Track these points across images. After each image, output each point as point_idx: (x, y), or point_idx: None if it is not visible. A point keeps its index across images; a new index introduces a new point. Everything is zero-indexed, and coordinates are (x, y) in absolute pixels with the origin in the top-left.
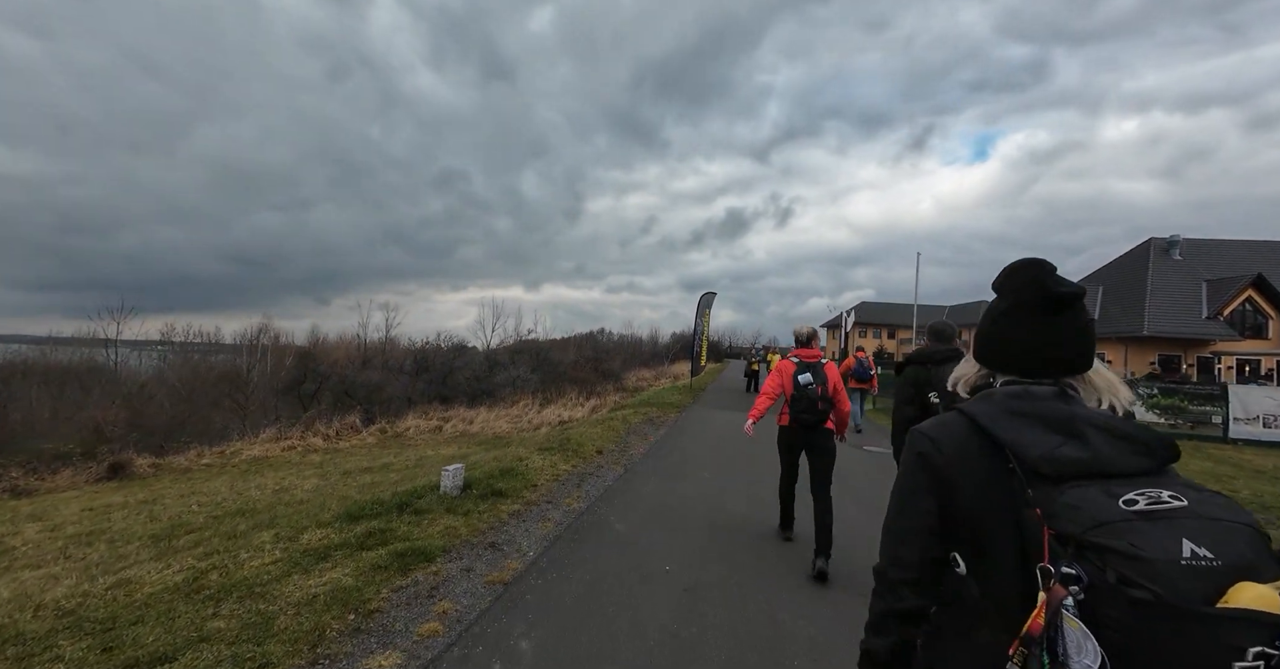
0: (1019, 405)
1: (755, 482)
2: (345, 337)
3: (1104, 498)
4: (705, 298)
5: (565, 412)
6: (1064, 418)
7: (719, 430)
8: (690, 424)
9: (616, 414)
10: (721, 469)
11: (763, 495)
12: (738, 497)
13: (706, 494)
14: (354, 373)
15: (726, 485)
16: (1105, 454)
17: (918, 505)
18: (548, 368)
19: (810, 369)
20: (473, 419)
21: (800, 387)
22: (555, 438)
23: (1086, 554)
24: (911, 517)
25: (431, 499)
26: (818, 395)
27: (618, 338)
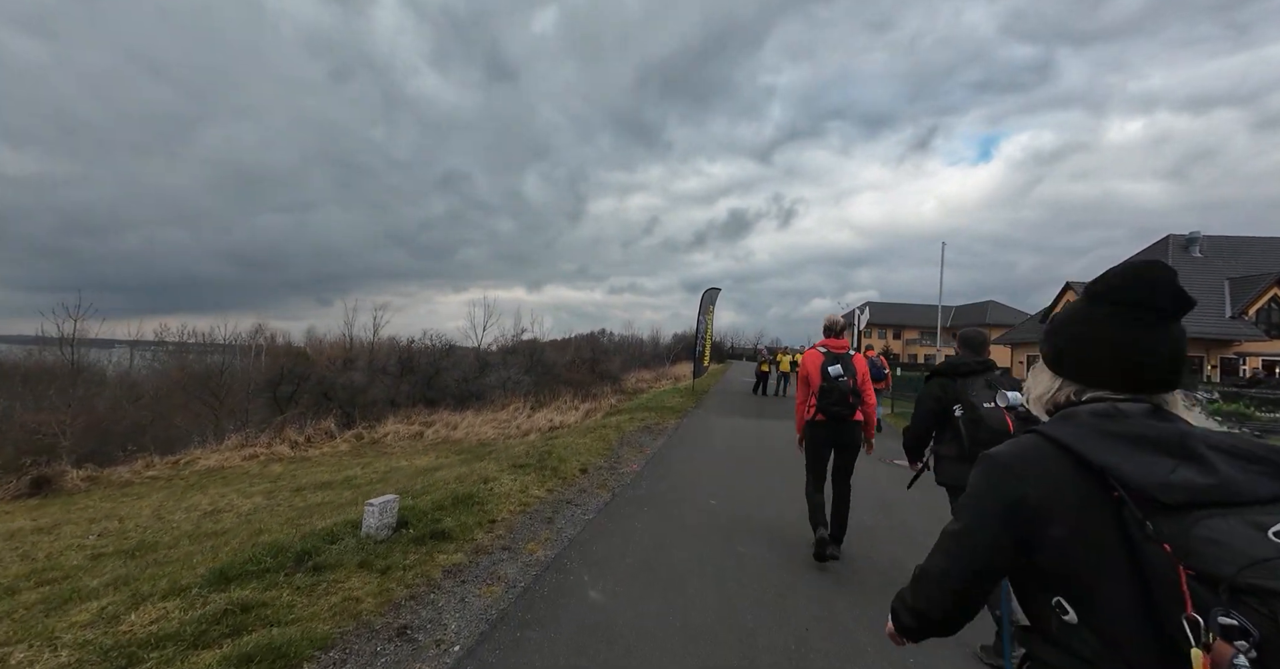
0: (1112, 426)
1: (778, 512)
2: (343, 338)
3: (1250, 530)
4: (708, 294)
5: (557, 416)
6: (1172, 438)
7: (726, 440)
8: (693, 433)
9: (610, 421)
10: (733, 494)
11: (791, 533)
12: (757, 537)
13: (714, 534)
14: (335, 374)
15: (741, 519)
16: (1234, 478)
17: (983, 538)
18: (542, 369)
19: (840, 360)
20: (457, 424)
21: (831, 378)
22: (536, 451)
23: (1245, 599)
24: (973, 540)
25: (347, 545)
26: (849, 388)
27: (619, 339)
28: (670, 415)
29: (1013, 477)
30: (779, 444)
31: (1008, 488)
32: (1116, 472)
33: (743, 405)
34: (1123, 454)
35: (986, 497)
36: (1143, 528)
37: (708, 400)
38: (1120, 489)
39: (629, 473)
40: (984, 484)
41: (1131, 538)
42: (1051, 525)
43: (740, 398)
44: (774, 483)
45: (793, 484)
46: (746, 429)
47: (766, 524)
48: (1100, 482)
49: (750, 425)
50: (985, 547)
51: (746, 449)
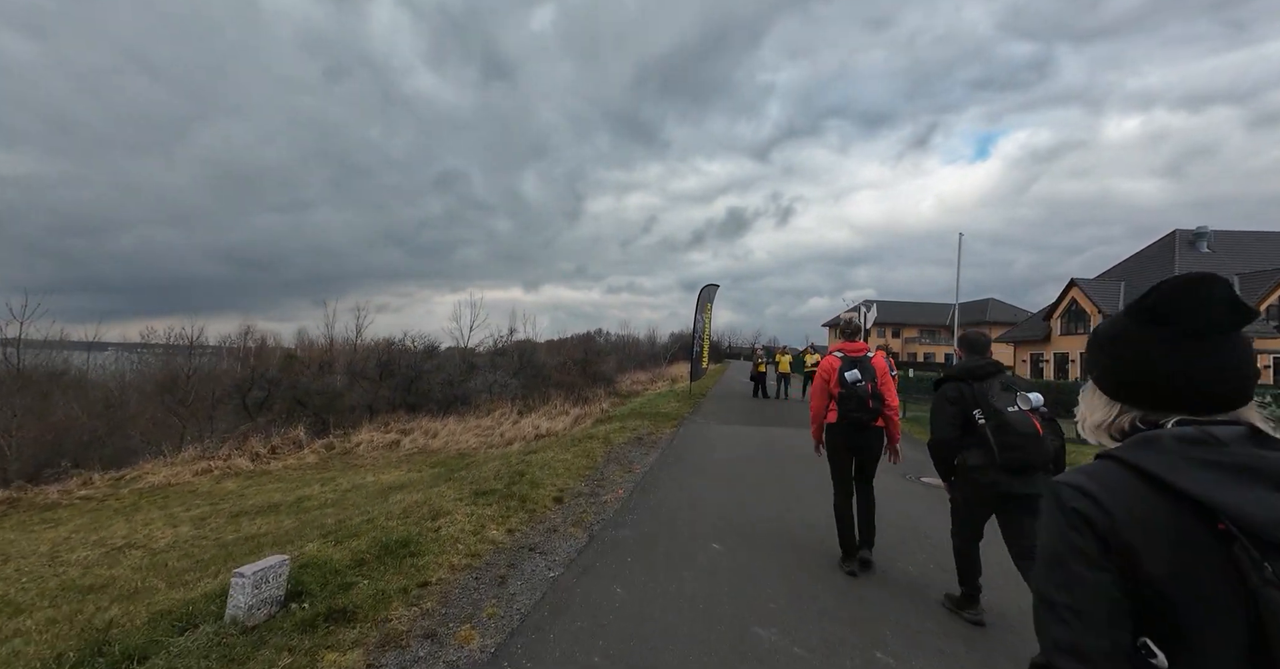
0: (1207, 454)
1: (800, 560)
2: (325, 339)
3: None
4: (706, 291)
5: (546, 422)
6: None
7: (728, 455)
8: (690, 445)
9: (599, 430)
10: (742, 532)
11: (827, 596)
12: (783, 608)
13: (721, 604)
14: (310, 379)
15: (757, 575)
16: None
17: (1094, 576)
18: (532, 371)
19: (857, 364)
20: (437, 432)
21: (848, 384)
22: (508, 471)
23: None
24: (1085, 592)
25: (198, 639)
26: (868, 393)
27: (615, 338)
28: (665, 423)
29: (1098, 508)
30: (791, 459)
31: (1095, 519)
32: (1225, 507)
33: (743, 410)
34: (1227, 487)
35: (1076, 534)
36: (1260, 570)
37: (706, 405)
38: (1231, 526)
39: (612, 501)
40: (1069, 522)
41: (1243, 579)
42: (1144, 562)
43: (740, 401)
44: (792, 514)
45: (817, 514)
46: (750, 439)
47: (791, 585)
48: (1198, 515)
49: (754, 435)
50: (1104, 587)
51: (753, 466)
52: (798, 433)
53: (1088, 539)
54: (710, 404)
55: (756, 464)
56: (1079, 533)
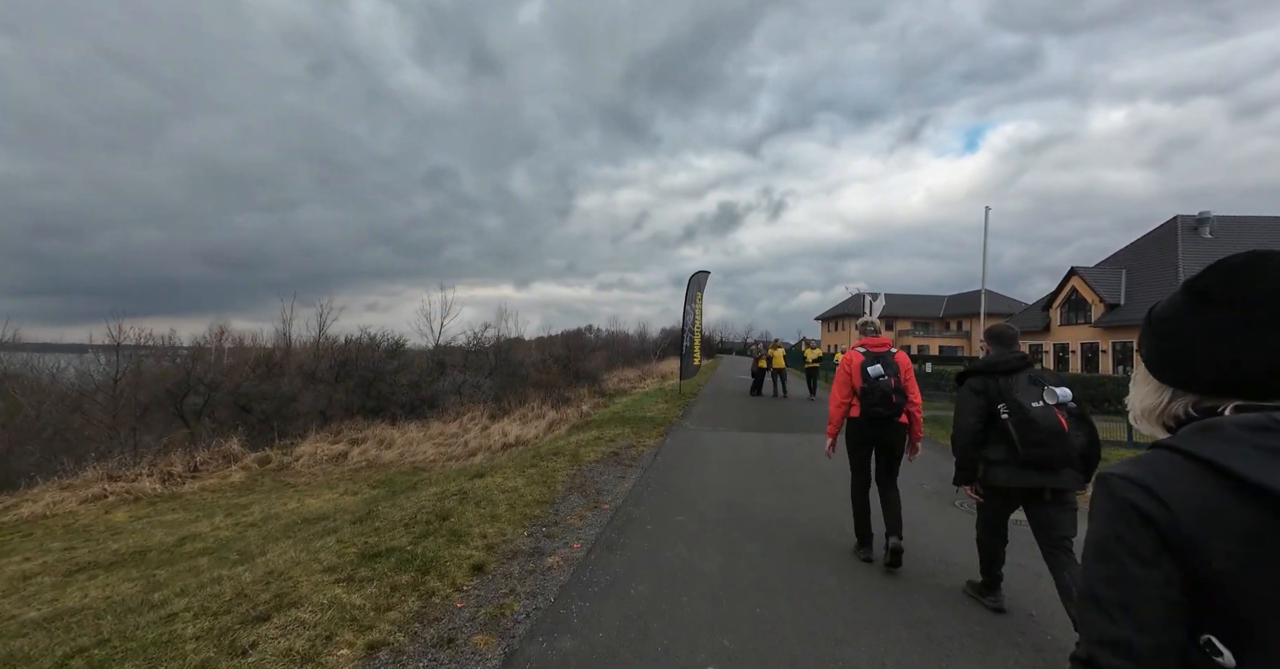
0: (1275, 441)
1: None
2: (302, 337)
3: None
4: (696, 279)
5: (518, 427)
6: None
7: (725, 477)
8: (677, 463)
9: (570, 441)
10: (747, 632)
11: None
12: None
13: None
14: (255, 382)
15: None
16: None
17: (1146, 573)
18: (508, 371)
19: (880, 359)
20: (393, 441)
21: (871, 379)
22: (430, 510)
23: None
24: (1136, 589)
25: None
26: (891, 388)
27: (606, 334)
28: (649, 431)
29: (1154, 501)
30: (805, 477)
31: (1151, 513)
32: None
33: (741, 411)
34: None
35: (1128, 529)
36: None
37: (697, 406)
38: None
39: (559, 568)
40: (1122, 514)
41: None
42: (1210, 558)
43: (736, 401)
44: (824, 571)
45: (856, 575)
46: (752, 451)
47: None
48: (1270, 507)
49: (755, 443)
50: (1158, 585)
51: (760, 496)
52: (806, 439)
53: (1142, 535)
54: (702, 405)
55: (763, 487)
56: (1131, 528)
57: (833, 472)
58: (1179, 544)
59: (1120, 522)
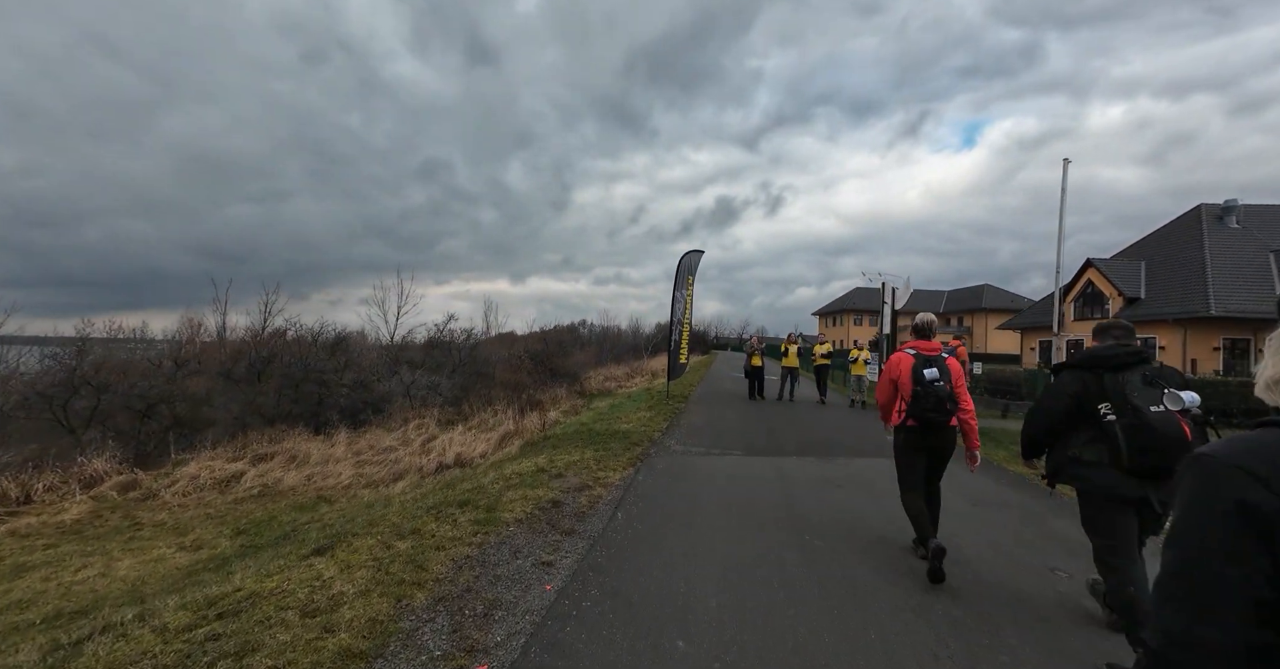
0: None
1: None
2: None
3: None
4: (687, 260)
5: (470, 439)
6: None
7: (724, 557)
8: (646, 530)
9: (502, 475)
10: None
11: None
12: None
13: None
14: (163, 383)
15: None
16: None
17: (1239, 571)
18: (473, 369)
19: (934, 363)
20: (308, 457)
21: (926, 383)
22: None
23: None
24: (1226, 586)
25: None
26: (946, 394)
27: (600, 329)
28: (618, 455)
29: (1267, 492)
30: (866, 564)
31: (1261, 506)
32: None
33: (742, 421)
34: None
35: (1227, 524)
36: None
37: (687, 414)
38: None
39: None
40: (1219, 502)
41: None
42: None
43: (734, 407)
44: None
45: None
46: (764, 493)
47: None
48: None
49: (766, 478)
50: (1251, 585)
51: (790, 615)
52: (837, 469)
53: (1242, 531)
54: (693, 413)
55: (794, 585)
56: (1231, 524)
57: (899, 531)
58: (1276, 538)
59: (1219, 516)
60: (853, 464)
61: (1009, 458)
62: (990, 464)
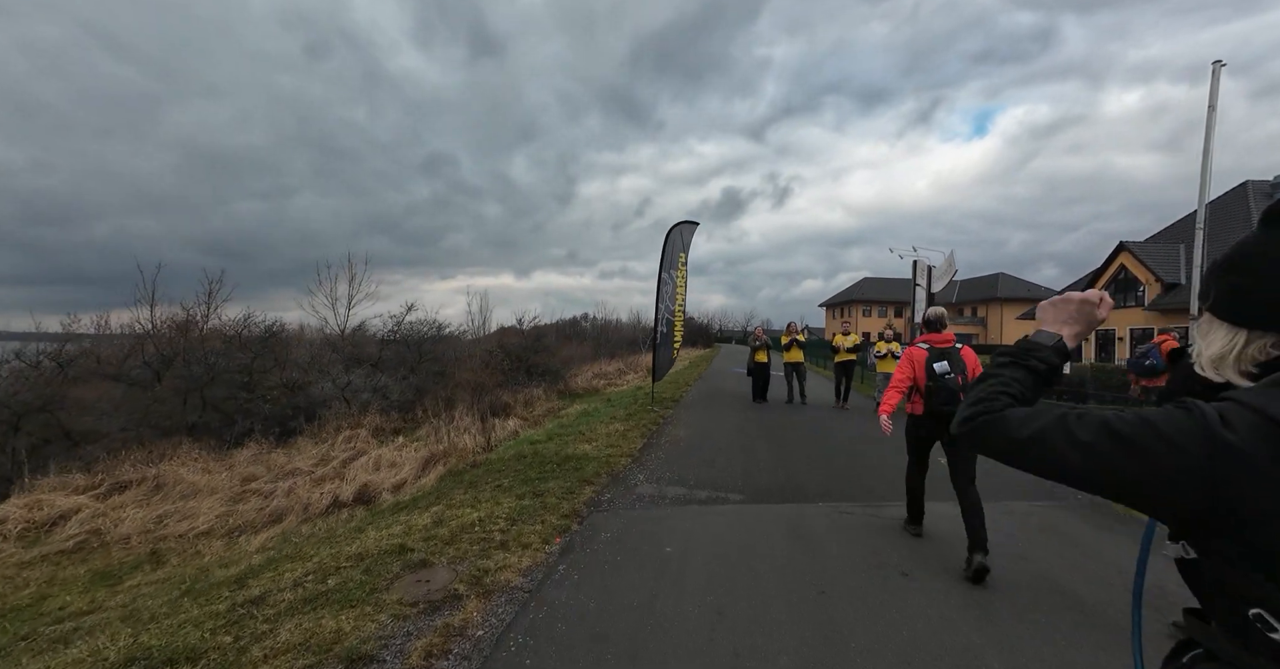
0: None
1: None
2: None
3: None
4: (678, 232)
5: (398, 458)
6: None
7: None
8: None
9: (351, 548)
10: None
11: None
12: None
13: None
14: (41, 387)
15: None
16: None
17: (1161, 479)
18: (435, 367)
19: (946, 356)
20: (175, 485)
21: (937, 376)
22: None
23: None
24: (1144, 453)
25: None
26: (959, 386)
27: (602, 323)
28: (558, 500)
29: (1232, 461)
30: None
31: (1221, 472)
32: None
33: (742, 438)
34: None
35: (1186, 456)
36: None
37: (674, 425)
38: None
39: None
40: (1186, 443)
41: None
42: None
43: (735, 414)
44: None
45: None
46: (775, 582)
47: None
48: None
49: (777, 543)
50: (1160, 479)
51: None
52: (893, 521)
53: (1207, 481)
54: (681, 423)
55: None
56: (1201, 468)
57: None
58: (1247, 515)
59: (1199, 429)
60: (932, 523)
61: None
62: (1050, 484)
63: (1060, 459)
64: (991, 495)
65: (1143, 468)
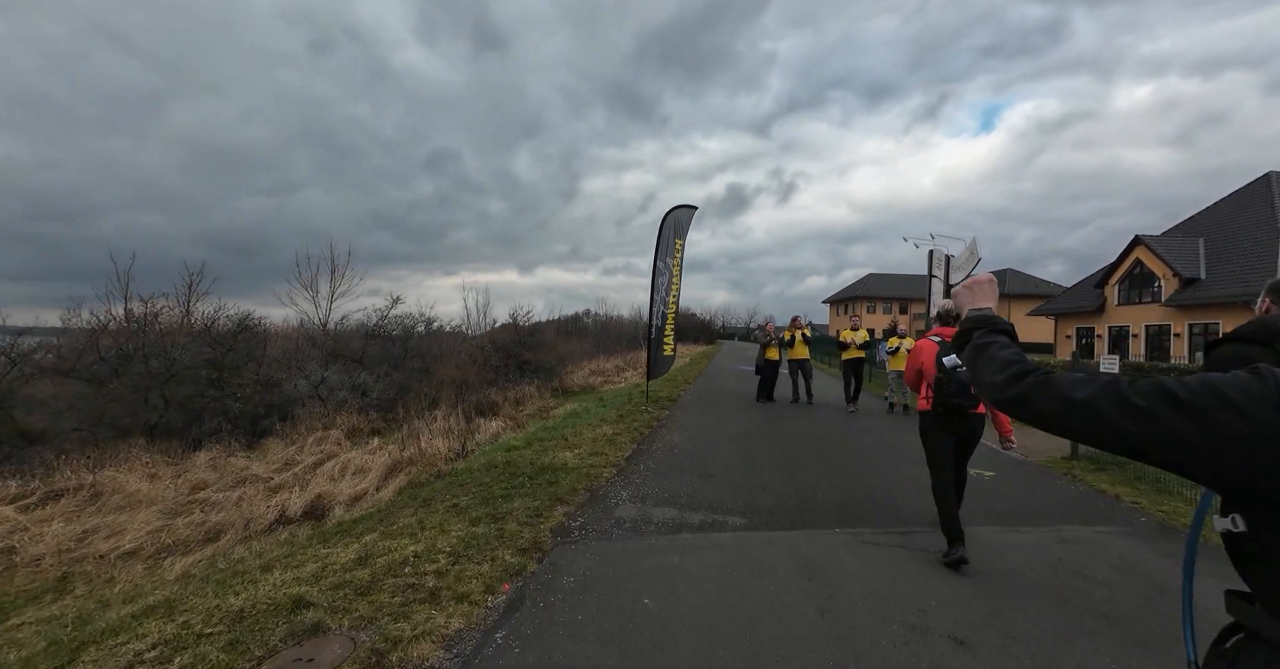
0: None
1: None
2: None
3: None
4: (674, 217)
5: (364, 462)
6: None
7: None
8: None
9: (237, 599)
10: None
11: None
12: None
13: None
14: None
15: None
16: None
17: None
18: (419, 364)
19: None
20: (114, 493)
21: (947, 370)
22: None
23: None
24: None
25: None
26: (969, 379)
27: (604, 319)
28: (520, 526)
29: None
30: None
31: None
32: None
33: (745, 444)
34: None
35: (1253, 420)
36: None
37: (668, 430)
38: None
39: None
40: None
41: None
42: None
43: (737, 416)
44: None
45: None
46: (783, 641)
47: None
48: None
49: (786, 587)
50: (1223, 444)
51: None
52: (928, 553)
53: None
54: (677, 427)
55: None
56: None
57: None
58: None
59: (1259, 401)
60: (979, 556)
61: (1131, 492)
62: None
63: (1115, 425)
64: (1027, 517)
65: (1203, 433)
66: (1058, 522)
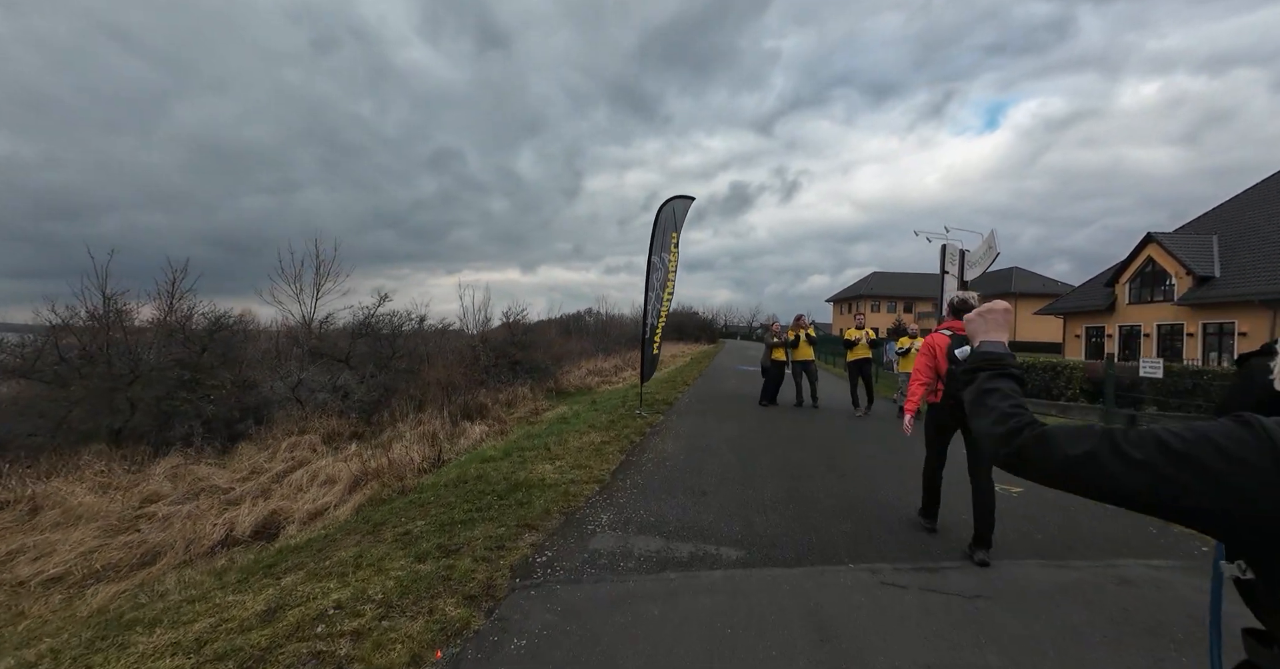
0: None
1: None
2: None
3: None
4: (670, 208)
5: (342, 473)
6: None
7: None
8: None
9: (182, 635)
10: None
11: None
12: None
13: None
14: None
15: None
16: None
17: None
18: (407, 365)
19: (968, 342)
20: (50, 508)
21: (958, 362)
22: None
23: None
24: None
25: None
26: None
27: (605, 318)
28: (478, 561)
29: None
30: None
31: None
32: None
33: (745, 456)
34: None
35: (1249, 471)
36: None
37: (661, 437)
38: None
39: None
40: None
41: None
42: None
43: (738, 418)
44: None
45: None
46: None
47: None
48: None
49: (792, 658)
50: (1221, 495)
51: None
52: (980, 606)
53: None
54: (671, 436)
55: None
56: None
57: None
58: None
59: (1252, 443)
60: (1028, 605)
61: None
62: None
63: (1113, 479)
64: (1073, 547)
65: (1202, 484)
66: (1107, 554)
